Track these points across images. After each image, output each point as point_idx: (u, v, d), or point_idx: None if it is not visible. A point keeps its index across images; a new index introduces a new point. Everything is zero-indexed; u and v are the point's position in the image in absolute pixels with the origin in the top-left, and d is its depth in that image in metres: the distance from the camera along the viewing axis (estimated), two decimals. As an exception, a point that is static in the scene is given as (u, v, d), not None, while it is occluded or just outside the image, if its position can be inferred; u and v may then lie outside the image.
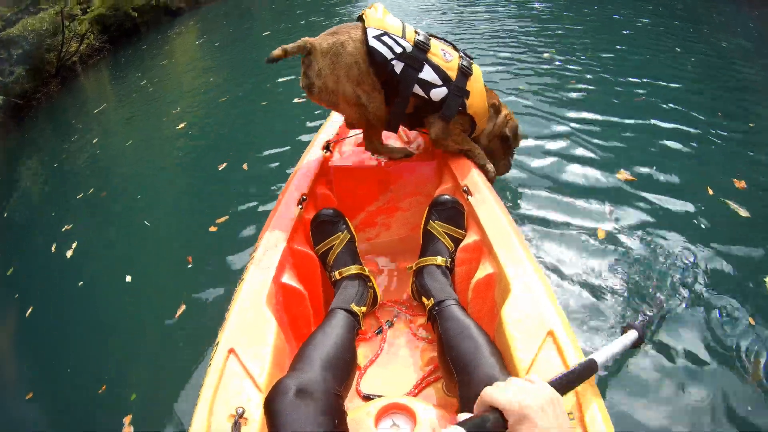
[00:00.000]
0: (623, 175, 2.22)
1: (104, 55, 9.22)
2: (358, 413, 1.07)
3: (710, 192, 2.10)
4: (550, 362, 1.01)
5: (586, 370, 0.90)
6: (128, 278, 2.34)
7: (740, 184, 2.14)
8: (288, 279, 1.22)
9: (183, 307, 1.97)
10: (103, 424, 1.67)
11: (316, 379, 0.89)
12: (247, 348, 1.02)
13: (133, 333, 2.05)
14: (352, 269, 1.32)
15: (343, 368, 1.02)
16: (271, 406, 0.83)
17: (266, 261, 1.21)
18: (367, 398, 1.17)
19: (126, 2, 9.62)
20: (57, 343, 2.20)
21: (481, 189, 1.37)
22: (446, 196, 1.38)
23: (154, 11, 10.29)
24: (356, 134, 1.73)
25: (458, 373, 1.01)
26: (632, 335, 1.13)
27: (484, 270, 1.22)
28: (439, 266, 1.30)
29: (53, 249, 2.91)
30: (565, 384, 0.82)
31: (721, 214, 1.97)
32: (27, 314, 2.45)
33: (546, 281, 1.16)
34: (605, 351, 1.00)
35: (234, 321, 1.08)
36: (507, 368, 0.99)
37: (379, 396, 1.13)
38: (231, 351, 1.02)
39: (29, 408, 1.88)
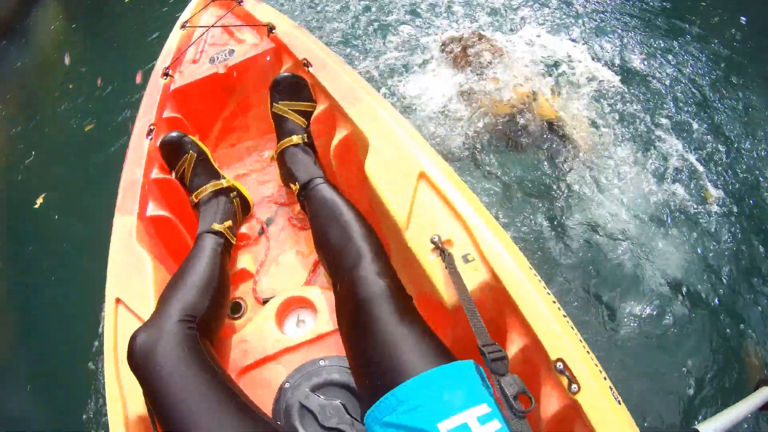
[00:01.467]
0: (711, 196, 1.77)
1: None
2: (257, 320, 1.09)
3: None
4: (431, 206, 0.97)
5: None
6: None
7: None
8: (153, 210, 1.20)
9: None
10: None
11: (167, 325, 0.87)
12: (131, 293, 1.02)
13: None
14: (208, 188, 1.26)
15: (212, 293, 1.00)
16: (130, 365, 0.83)
17: (128, 201, 1.18)
18: (266, 302, 1.15)
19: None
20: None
21: (320, 58, 1.30)
22: (283, 74, 1.30)
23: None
24: (192, 51, 1.58)
25: (328, 266, 1.00)
26: (765, 394, 0.89)
27: (341, 133, 1.18)
28: (296, 145, 1.25)
29: None
30: None
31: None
32: None
33: (409, 127, 1.08)
34: (718, 420, 0.79)
35: (112, 270, 1.07)
36: (387, 224, 0.98)
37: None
38: (118, 301, 1.02)
39: None
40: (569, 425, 0.84)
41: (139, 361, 0.82)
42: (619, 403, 0.86)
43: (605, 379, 0.88)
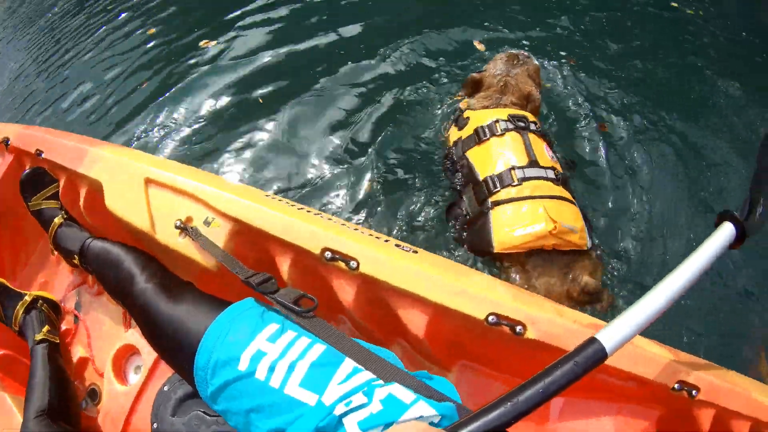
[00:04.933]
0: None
1: None
2: (105, 391, 1.11)
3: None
4: (164, 200, 1.04)
5: (579, 363, 0.58)
6: None
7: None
8: None
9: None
10: None
11: (26, 429, 0.96)
12: None
13: None
14: (18, 313, 1.28)
15: (50, 386, 1.06)
16: None
17: None
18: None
19: None
20: None
21: (48, 140, 1.32)
22: (23, 174, 1.34)
23: None
24: None
25: (121, 304, 1.04)
26: (727, 231, 0.73)
27: (82, 191, 1.21)
28: (60, 225, 1.28)
29: None
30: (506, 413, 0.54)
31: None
32: None
33: (128, 150, 1.13)
34: (625, 321, 0.63)
35: None
36: (143, 238, 1.04)
37: None
38: None
39: None
40: (379, 301, 0.88)
41: None
42: (416, 252, 0.91)
43: (387, 241, 0.93)
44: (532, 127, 1.45)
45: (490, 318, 0.81)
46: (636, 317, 0.65)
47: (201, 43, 2.63)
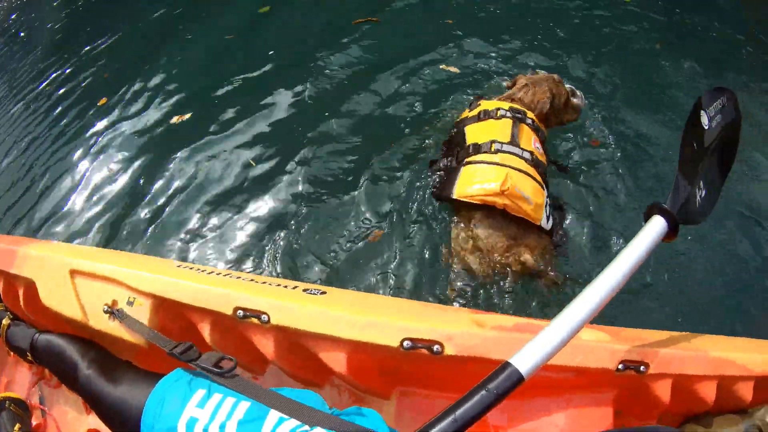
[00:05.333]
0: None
1: None
2: None
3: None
4: (91, 288, 1.07)
5: (492, 389, 0.56)
6: None
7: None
8: None
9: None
10: None
11: None
12: None
13: None
14: None
15: None
16: None
17: None
18: None
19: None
20: None
21: None
22: None
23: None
24: None
25: (77, 393, 1.06)
26: (658, 225, 0.70)
27: (20, 290, 1.23)
28: (8, 326, 1.30)
29: None
30: None
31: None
32: None
33: (56, 244, 1.14)
34: (541, 340, 0.61)
35: None
36: (80, 326, 1.05)
37: None
38: None
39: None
40: (298, 348, 0.90)
41: None
42: (324, 293, 0.91)
43: (295, 287, 0.93)
44: (528, 120, 1.65)
45: (405, 343, 0.81)
46: (554, 334, 0.64)
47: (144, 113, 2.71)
